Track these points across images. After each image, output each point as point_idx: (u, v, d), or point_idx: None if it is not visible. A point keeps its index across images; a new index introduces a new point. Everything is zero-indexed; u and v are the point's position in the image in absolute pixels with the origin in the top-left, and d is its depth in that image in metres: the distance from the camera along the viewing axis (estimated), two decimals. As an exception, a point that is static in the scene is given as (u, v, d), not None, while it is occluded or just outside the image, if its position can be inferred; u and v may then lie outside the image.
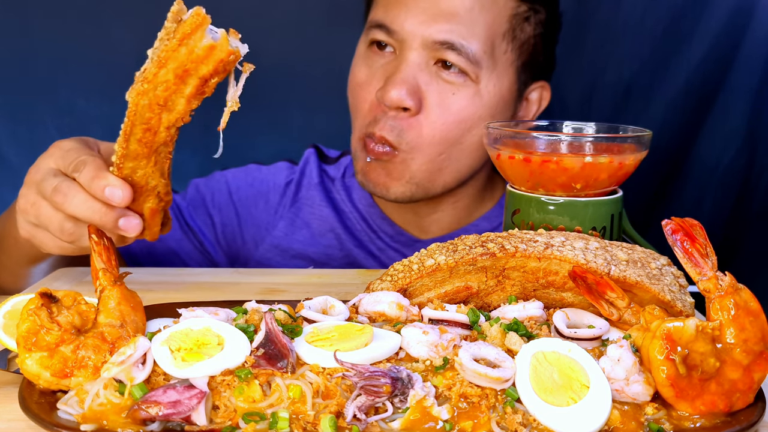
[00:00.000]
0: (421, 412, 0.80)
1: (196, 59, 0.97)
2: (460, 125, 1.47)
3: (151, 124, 1.02)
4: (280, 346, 0.83)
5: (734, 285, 0.88)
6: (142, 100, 1.00)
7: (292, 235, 1.70)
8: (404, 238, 1.67)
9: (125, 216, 1.09)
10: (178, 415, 0.79)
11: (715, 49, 2.08)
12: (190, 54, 0.97)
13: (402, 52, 1.47)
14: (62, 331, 0.86)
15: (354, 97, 1.53)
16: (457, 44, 1.43)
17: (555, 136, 1.12)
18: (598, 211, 1.13)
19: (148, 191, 1.11)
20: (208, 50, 0.97)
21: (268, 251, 1.70)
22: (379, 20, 1.49)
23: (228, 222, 1.72)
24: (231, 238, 1.73)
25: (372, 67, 1.51)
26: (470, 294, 1.02)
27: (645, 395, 0.84)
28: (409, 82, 1.43)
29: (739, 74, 2.08)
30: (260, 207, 1.72)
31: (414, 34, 1.44)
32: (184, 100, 1.01)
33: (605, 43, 2.14)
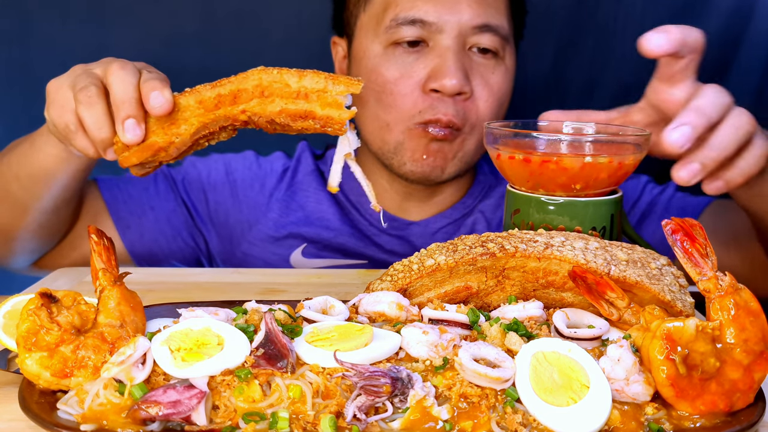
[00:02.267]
0: (421, 412, 0.80)
1: (322, 97, 1.03)
2: (501, 100, 1.59)
3: (239, 96, 1.05)
4: (280, 346, 0.83)
5: (734, 285, 0.88)
6: (259, 77, 1.05)
7: (286, 217, 1.73)
8: (397, 224, 1.72)
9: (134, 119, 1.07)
10: (178, 415, 0.79)
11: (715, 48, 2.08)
12: (323, 90, 1.03)
13: (438, 42, 1.52)
14: (62, 331, 0.86)
15: (387, 94, 1.56)
16: (494, 25, 1.53)
17: (555, 136, 1.12)
18: (598, 211, 1.13)
19: (170, 133, 1.09)
20: (335, 101, 1.03)
21: (261, 232, 1.73)
22: (409, 16, 1.52)
23: (222, 201, 1.75)
24: (224, 218, 1.75)
25: (403, 63, 1.54)
26: (470, 294, 1.02)
27: (645, 395, 0.84)
28: (462, 69, 1.51)
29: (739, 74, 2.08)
30: (256, 189, 1.75)
31: (451, 23, 1.51)
32: (275, 108, 1.04)
33: (605, 42, 2.14)
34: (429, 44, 1.53)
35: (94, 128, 1.11)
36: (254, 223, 1.74)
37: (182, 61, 1.96)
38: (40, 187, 1.43)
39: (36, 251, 1.61)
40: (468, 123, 1.56)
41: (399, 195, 1.72)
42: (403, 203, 1.72)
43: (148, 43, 2.08)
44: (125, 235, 1.67)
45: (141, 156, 1.10)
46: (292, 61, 2.19)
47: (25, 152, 1.42)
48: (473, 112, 1.56)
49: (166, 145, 1.09)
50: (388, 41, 1.55)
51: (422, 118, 1.54)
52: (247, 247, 1.73)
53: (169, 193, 1.73)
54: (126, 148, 1.09)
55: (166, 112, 1.06)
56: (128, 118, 1.07)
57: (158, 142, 1.09)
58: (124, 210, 1.68)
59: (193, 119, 1.08)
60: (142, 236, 1.68)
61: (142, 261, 1.71)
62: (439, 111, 1.52)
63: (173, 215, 1.72)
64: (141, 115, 1.07)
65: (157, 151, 1.09)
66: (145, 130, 1.08)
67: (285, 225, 1.72)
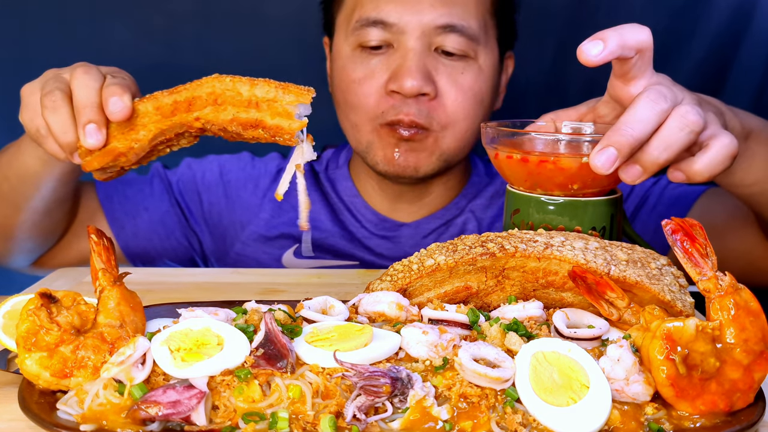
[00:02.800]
0: (420, 412, 0.80)
1: (272, 107, 1.03)
2: (475, 100, 1.57)
3: (194, 103, 1.05)
4: (280, 346, 0.83)
5: (734, 285, 0.88)
6: (212, 85, 1.05)
7: (278, 218, 1.74)
8: (388, 225, 1.73)
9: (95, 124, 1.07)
10: (177, 415, 0.79)
11: (715, 49, 2.08)
12: (273, 100, 1.03)
13: (401, 44, 1.52)
14: (62, 332, 0.86)
15: (352, 94, 1.57)
16: (458, 25, 1.52)
17: (552, 136, 1.12)
18: (598, 211, 1.13)
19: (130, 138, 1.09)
20: (285, 111, 1.03)
21: (254, 232, 1.74)
22: (371, 17, 1.53)
23: (216, 202, 1.77)
24: (217, 219, 1.77)
25: (368, 65, 1.55)
26: (470, 294, 1.02)
27: (645, 395, 0.84)
28: (422, 69, 1.51)
29: (739, 74, 2.08)
30: (249, 190, 1.77)
31: (413, 24, 1.51)
32: (227, 116, 1.04)
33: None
34: (393, 46, 1.54)
35: (59, 132, 1.11)
36: (247, 223, 1.75)
37: (181, 62, 1.96)
38: (28, 188, 1.45)
39: (34, 250, 1.62)
40: (435, 122, 1.55)
41: (388, 196, 1.72)
42: (393, 204, 1.73)
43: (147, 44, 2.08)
44: (120, 235, 1.69)
45: (102, 161, 1.10)
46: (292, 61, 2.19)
47: (14, 154, 1.44)
48: (441, 112, 1.54)
49: (126, 150, 1.09)
50: (355, 43, 1.57)
51: (385, 119, 1.54)
52: (240, 248, 1.74)
53: (163, 194, 1.74)
54: (89, 152, 1.09)
55: (124, 118, 1.06)
56: (89, 123, 1.06)
57: (118, 147, 1.09)
58: (119, 210, 1.70)
59: (151, 125, 1.08)
60: (136, 236, 1.70)
61: (137, 260, 1.73)
62: (401, 111, 1.52)
63: (167, 216, 1.73)
64: (102, 120, 1.07)
65: (117, 156, 1.09)
66: (107, 135, 1.07)
67: (277, 225, 1.73)
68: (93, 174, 1.13)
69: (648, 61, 1.06)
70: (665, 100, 1.00)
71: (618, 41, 1.00)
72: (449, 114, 1.55)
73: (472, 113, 1.58)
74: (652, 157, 1.00)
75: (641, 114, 0.98)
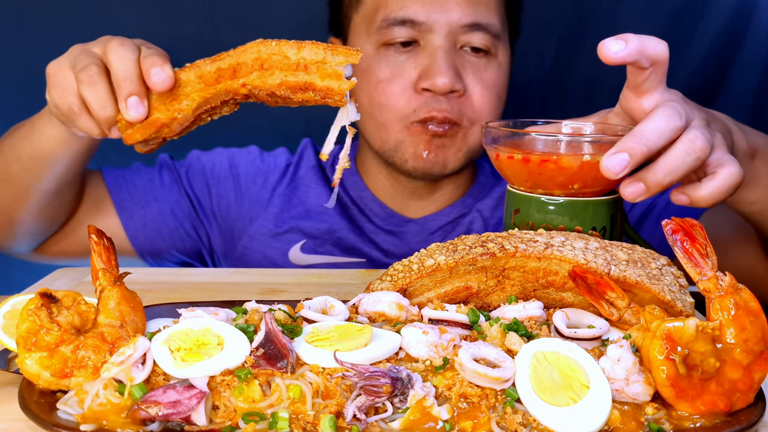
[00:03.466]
0: (421, 412, 0.80)
1: (322, 68, 1.02)
2: (498, 95, 1.62)
3: (239, 69, 1.05)
4: (280, 346, 0.83)
5: (734, 285, 0.88)
6: (257, 50, 1.04)
7: (287, 212, 1.75)
8: (396, 220, 1.74)
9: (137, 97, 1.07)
10: (177, 415, 0.79)
11: (715, 49, 2.08)
12: (322, 62, 1.02)
13: (429, 42, 1.55)
14: (62, 332, 0.86)
15: (380, 94, 1.59)
16: (483, 23, 1.56)
17: (553, 136, 1.12)
18: (598, 211, 1.13)
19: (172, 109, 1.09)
20: (334, 72, 1.02)
21: (262, 226, 1.75)
22: (399, 16, 1.54)
23: (225, 194, 1.77)
24: (226, 211, 1.77)
25: (395, 62, 1.57)
26: (470, 294, 1.02)
27: (645, 395, 0.84)
28: (452, 67, 1.54)
29: (739, 74, 2.08)
30: (258, 183, 1.78)
31: (441, 22, 1.53)
32: (275, 80, 1.04)
33: (605, 43, 2.14)
34: (420, 44, 1.55)
35: (98, 108, 1.11)
36: (255, 217, 1.75)
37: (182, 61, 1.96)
38: (41, 168, 1.44)
39: (37, 235, 1.61)
40: (465, 118, 1.58)
41: (400, 193, 1.73)
42: (403, 201, 1.74)
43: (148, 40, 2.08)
44: (128, 225, 1.68)
45: (145, 133, 1.09)
46: None
47: (27, 134, 1.42)
48: (469, 108, 1.58)
49: (169, 121, 1.08)
50: (379, 42, 1.57)
51: (417, 117, 1.56)
52: (248, 241, 1.74)
53: (173, 185, 1.74)
54: (129, 125, 1.09)
55: (167, 88, 1.06)
56: (131, 96, 1.07)
57: (161, 118, 1.08)
58: (128, 200, 1.69)
59: (195, 94, 1.07)
60: (145, 226, 1.70)
61: (144, 252, 1.72)
62: (433, 109, 1.55)
63: (176, 207, 1.73)
64: (143, 92, 1.07)
65: (160, 128, 1.09)
66: (148, 107, 1.07)
67: (286, 220, 1.74)
68: (135, 147, 1.12)
69: (662, 76, 1.08)
70: (680, 118, 1.01)
71: (638, 46, 1.02)
72: (476, 110, 1.59)
73: (496, 108, 1.62)
74: (657, 177, 1.01)
75: (658, 126, 1.00)
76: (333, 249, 1.72)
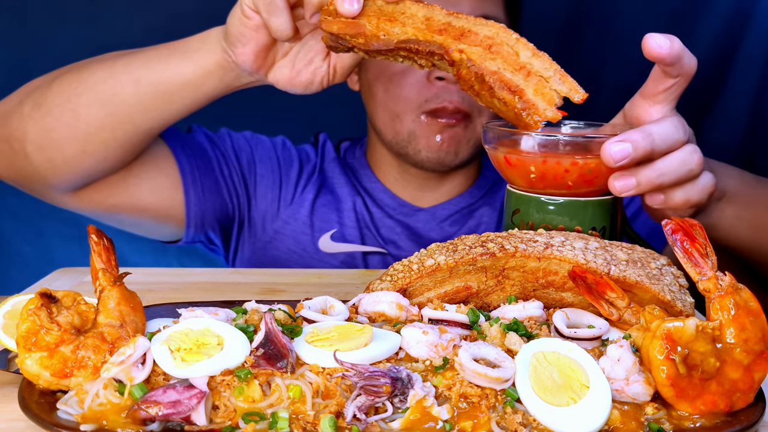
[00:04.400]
0: (420, 412, 0.80)
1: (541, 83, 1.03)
2: None
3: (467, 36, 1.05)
4: (280, 346, 0.83)
5: (734, 285, 0.88)
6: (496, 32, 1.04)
7: (320, 200, 1.80)
8: (406, 209, 1.80)
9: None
10: (177, 415, 0.79)
11: (715, 49, 2.08)
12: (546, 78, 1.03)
13: None
14: (62, 331, 0.86)
15: (395, 85, 1.65)
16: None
17: (551, 136, 1.12)
18: (598, 211, 1.13)
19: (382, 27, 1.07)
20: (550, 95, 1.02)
21: (297, 212, 1.79)
22: None
23: (266, 175, 1.79)
24: (263, 192, 1.80)
25: None
26: (470, 294, 1.02)
27: (645, 395, 0.84)
28: None
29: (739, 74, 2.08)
30: (295, 170, 1.83)
31: None
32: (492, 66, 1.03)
33: (605, 43, 2.14)
34: None
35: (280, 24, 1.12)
36: (291, 202, 1.80)
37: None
38: (159, 100, 1.35)
39: (87, 177, 1.50)
40: (476, 108, 1.65)
41: (411, 184, 1.79)
42: (414, 191, 1.80)
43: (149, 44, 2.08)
44: (189, 189, 1.65)
45: (343, 29, 1.07)
46: None
47: (161, 57, 1.34)
48: None
49: (371, 36, 1.06)
50: None
51: (429, 107, 1.63)
52: (281, 226, 1.78)
53: (226, 158, 1.75)
54: (334, 14, 1.07)
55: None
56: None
57: (367, 27, 1.07)
58: (191, 163, 1.66)
59: (411, 28, 1.05)
60: (203, 195, 1.69)
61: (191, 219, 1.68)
62: (444, 99, 1.62)
63: (229, 179, 1.74)
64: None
65: (359, 34, 1.07)
66: (362, 7, 1.07)
67: (318, 208, 1.79)
68: (323, 36, 1.10)
69: (681, 91, 1.10)
70: (684, 133, 1.05)
71: (680, 51, 1.04)
72: None
73: None
74: (652, 176, 1.03)
75: (666, 130, 1.03)
76: (359, 239, 1.78)
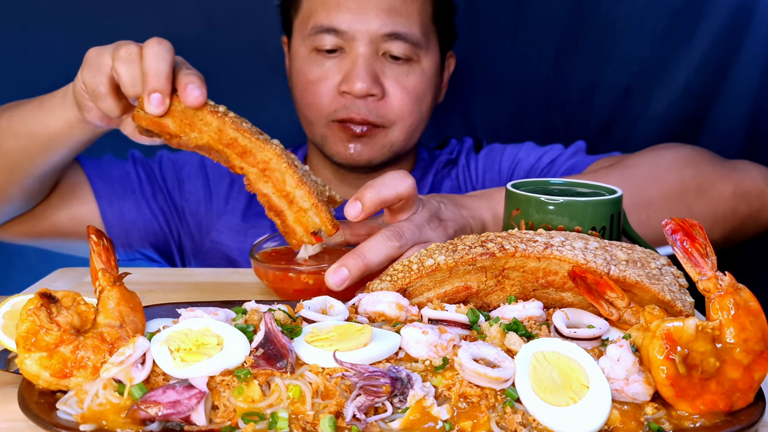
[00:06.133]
0: (420, 412, 0.80)
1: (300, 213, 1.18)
2: (419, 98, 1.75)
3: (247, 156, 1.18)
4: (280, 346, 0.83)
5: (734, 285, 0.88)
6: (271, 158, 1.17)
7: (253, 208, 1.85)
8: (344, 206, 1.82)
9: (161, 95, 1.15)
10: (177, 415, 0.79)
11: (715, 49, 2.08)
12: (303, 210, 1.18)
13: (352, 49, 1.67)
14: (61, 332, 0.86)
15: (308, 92, 1.73)
16: (402, 33, 1.67)
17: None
18: (598, 211, 1.13)
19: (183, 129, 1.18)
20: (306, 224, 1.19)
21: (229, 221, 1.85)
22: (325, 25, 1.67)
23: (195, 191, 1.86)
24: (195, 207, 1.87)
25: (323, 66, 1.70)
26: (470, 294, 1.02)
27: (645, 395, 0.84)
28: (370, 73, 1.66)
29: (739, 74, 2.08)
30: (226, 182, 1.88)
31: (362, 32, 1.66)
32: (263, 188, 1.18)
33: (605, 43, 2.14)
34: (345, 50, 1.68)
35: (129, 84, 1.20)
36: (223, 212, 1.85)
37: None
38: (38, 149, 1.47)
39: (7, 214, 1.64)
40: (384, 119, 1.71)
41: (344, 183, 1.84)
42: (348, 190, 1.82)
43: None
44: (106, 214, 1.74)
45: (151, 125, 1.18)
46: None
47: (33, 112, 1.46)
48: (388, 110, 1.71)
49: (174, 134, 1.17)
50: (311, 46, 1.71)
51: (337, 117, 1.71)
52: (216, 235, 1.84)
53: (148, 180, 1.82)
54: (144, 111, 1.17)
55: (197, 105, 1.15)
56: (156, 92, 1.14)
57: (170, 127, 1.17)
58: (108, 189, 1.75)
59: (206, 136, 1.17)
60: (122, 217, 1.76)
61: (117, 243, 1.76)
62: (351, 111, 1.69)
63: (152, 200, 1.81)
64: (168, 92, 1.16)
65: (164, 132, 1.18)
66: (168, 108, 1.16)
67: (251, 216, 1.83)
68: (136, 126, 1.21)
69: (412, 203, 1.22)
70: (398, 239, 1.15)
71: (375, 200, 1.16)
72: (396, 112, 1.71)
73: (417, 110, 1.75)
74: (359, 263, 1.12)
75: (375, 245, 1.13)
76: None
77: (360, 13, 1.65)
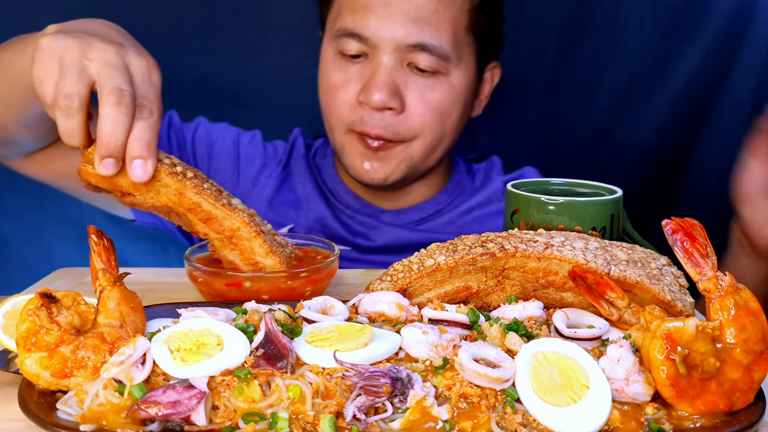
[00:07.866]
0: (420, 412, 0.80)
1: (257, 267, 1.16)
2: (443, 114, 1.64)
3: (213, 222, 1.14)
4: (280, 346, 0.83)
5: (734, 285, 0.88)
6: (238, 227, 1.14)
7: (279, 197, 1.82)
8: (370, 210, 1.81)
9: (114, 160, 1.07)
10: (177, 415, 0.79)
11: (715, 49, 2.08)
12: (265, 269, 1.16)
13: (375, 57, 1.58)
14: (62, 332, 0.86)
15: (330, 97, 1.66)
16: (429, 45, 1.56)
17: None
18: (598, 211, 1.13)
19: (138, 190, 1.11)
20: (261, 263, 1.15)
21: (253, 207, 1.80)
22: (349, 29, 1.59)
23: (223, 169, 1.82)
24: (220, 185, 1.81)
25: (346, 72, 1.62)
26: (470, 294, 1.02)
27: (645, 395, 0.84)
28: (389, 85, 1.57)
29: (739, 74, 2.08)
30: (257, 167, 1.84)
31: (386, 40, 1.56)
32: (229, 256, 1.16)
33: (605, 43, 2.14)
34: (369, 57, 1.60)
35: (66, 135, 1.09)
36: (248, 197, 1.81)
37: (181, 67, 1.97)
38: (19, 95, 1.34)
39: (29, 147, 1.55)
40: (400, 136, 1.62)
41: (367, 191, 1.80)
42: (373, 196, 1.80)
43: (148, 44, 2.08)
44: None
45: (101, 183, 1.11)
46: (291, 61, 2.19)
47: (18, 55, 1.32)
48: (406, 125, 1.61)
49: (128, 193, 1.11)
50: (336, 49, 1.63)
51: (354, 128, 1.64)
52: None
53: (179, 147, 1.77)
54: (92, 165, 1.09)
55: (141, 182, 1.08)
56: (109, 158, 1.07)
57: (124, 186, 1.10)
58: None
59: (165, 198, 1.11)
60: None
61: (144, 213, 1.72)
62: (367, 125, 1.61)
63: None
64: (121, 157, 1.07)
65: (115, 189, 1.11)
66: (122, 168, 1.08)
67: (277, 204, 1.80)
68: (81, 181, 1.12)
69: None
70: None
71: None
72: (415, 128, 1.62)
73: (439, 126, 1.64)
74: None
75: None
76: (319, 235, 1.78)
77: (385, 18, 1.55)
